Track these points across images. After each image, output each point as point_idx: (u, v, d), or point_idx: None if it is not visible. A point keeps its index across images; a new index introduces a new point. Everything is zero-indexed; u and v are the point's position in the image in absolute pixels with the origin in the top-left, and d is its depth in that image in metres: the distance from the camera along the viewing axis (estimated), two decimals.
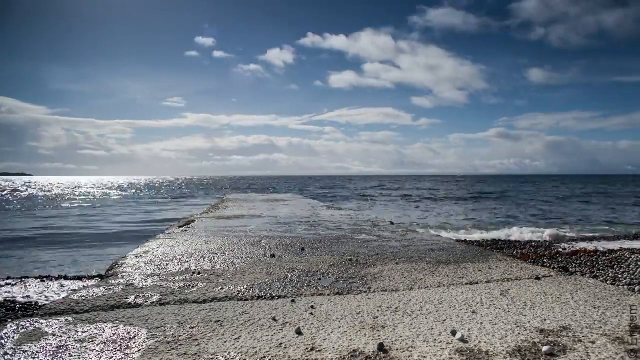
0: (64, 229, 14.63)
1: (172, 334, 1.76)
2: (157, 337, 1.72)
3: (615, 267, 4.33)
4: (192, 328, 1.83)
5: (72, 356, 1.55)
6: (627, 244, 8.92)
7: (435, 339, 1.69)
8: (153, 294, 2.34)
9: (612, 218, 18.18)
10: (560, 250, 8.12)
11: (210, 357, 1.54)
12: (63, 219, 18.13)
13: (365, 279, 2.70)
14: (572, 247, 8.59)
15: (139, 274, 2.80)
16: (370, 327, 1.83)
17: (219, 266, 3.06)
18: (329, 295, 2.36)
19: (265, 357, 1.54)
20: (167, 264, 3.11)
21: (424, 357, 1.54)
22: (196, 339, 1.70)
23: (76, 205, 27.25)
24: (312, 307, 2.12)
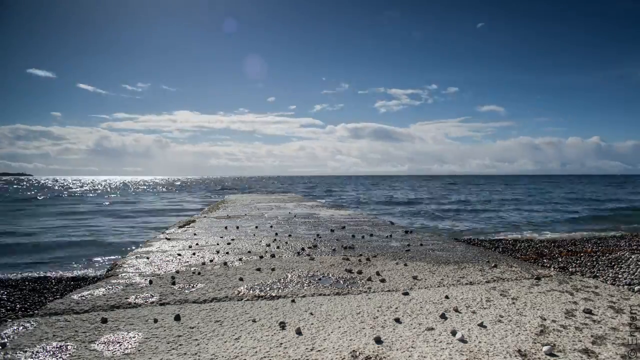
0: None
1: (172, 334, 1.76)
2: (157, 337, 1.72)
3: (615, 267, 4.34)
4: (192, 328, 1.83)
5: (72, 356, 1.55)
6: None
7: (435, 339, 1.69)
8: (153, 294, 2.34)
9: None
10: (561, 249, 8.11)
11: (210, 357, 1.54)
12: None
13: (366, 278, 2.70)
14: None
15: (139, 274, 2.80)
16: (370, 327, 1.83)
17: (218, 266, 3.06)
18: (329, 295, 2.36)
19: (265, 357, 1.54)
20: (167, 264, 3.11)
21: (424, 357, 1.54)
22: (196, 339, 1.70)
23: None
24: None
